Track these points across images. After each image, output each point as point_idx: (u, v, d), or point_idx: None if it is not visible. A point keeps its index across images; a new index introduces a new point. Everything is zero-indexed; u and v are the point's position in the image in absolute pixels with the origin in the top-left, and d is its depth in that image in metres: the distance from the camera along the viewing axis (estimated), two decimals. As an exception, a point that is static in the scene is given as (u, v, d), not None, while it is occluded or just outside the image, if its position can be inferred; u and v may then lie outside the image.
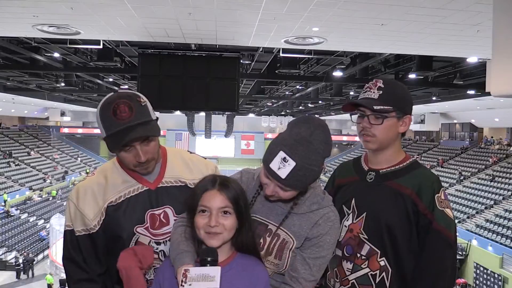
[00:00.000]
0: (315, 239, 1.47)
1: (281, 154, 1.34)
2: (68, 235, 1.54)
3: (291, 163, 1.33)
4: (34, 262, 18.60)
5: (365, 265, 1.62)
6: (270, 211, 1.51)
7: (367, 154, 1.75)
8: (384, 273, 1.59)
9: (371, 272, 1.60)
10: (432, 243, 1.55)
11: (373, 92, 1.62)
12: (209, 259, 1.30)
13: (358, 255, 1.63)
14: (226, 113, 25.67)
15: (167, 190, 1.59)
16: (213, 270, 1.28)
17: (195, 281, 1.27)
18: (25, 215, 23.22)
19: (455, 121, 29.20)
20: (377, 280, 1.60)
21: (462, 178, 23.72)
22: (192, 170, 1.66)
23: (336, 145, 43.31)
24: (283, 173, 1.33)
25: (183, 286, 1.26)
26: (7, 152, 29.04)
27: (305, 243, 1.48)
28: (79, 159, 37.27)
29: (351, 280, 1.63)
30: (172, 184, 1.61)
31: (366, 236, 1.62)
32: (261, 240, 1.48)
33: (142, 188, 1.56)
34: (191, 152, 1.78)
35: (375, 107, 1.58)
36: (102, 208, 1.52)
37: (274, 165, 1.35)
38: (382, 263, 1.59)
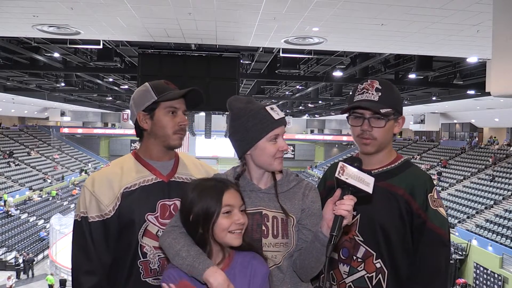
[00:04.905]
0: (309, 209, 1.55)
1: (270, 108, 1.51)
2: (83, 221, 1.59)
3: (279, 111, 1.54)
4: (34, 262, 18.56)
5: (361, 267, 1.61)
6: (257, 201, 1.54)
7: (359, 155, 1.73)
8: (380, 275, 1.59)
9: (368, 275, 1.60)
10: (427, 242, 1.55)
11: (371, 93, 1.59)
12: (356, 164, 1.40)
13: (354, 257, 1.62)
14: (226, 113, 25.63)
15: (179, 185, 1.66)
16: (369, 178, 1.38)
17: (351, 178, 1.36)
18: (25, 215, 23.18)
19: (455, 121, 29.18)
20: (374, 282, 1.59)
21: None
22: (201, 171, 1.75)
23: (336, 145, 43.25)
24: (280, 113, 1.52)
25: (340, 176, 1.35)
26: (7, 152, 29.02)
27: (302, 215, 1.54)
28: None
29: (348, 283, 1.63)
30: (183, 181, 1.68)
31: (361, 238, 1.62)
32: (263, 228, 1.51)
33: (156, 179, 1.65)
34: None
35: (382, 111, 1.55)
36: (118, 193, 1.59)
37: (276, 115, 1.50)
38: (378, 265, 1.59)
